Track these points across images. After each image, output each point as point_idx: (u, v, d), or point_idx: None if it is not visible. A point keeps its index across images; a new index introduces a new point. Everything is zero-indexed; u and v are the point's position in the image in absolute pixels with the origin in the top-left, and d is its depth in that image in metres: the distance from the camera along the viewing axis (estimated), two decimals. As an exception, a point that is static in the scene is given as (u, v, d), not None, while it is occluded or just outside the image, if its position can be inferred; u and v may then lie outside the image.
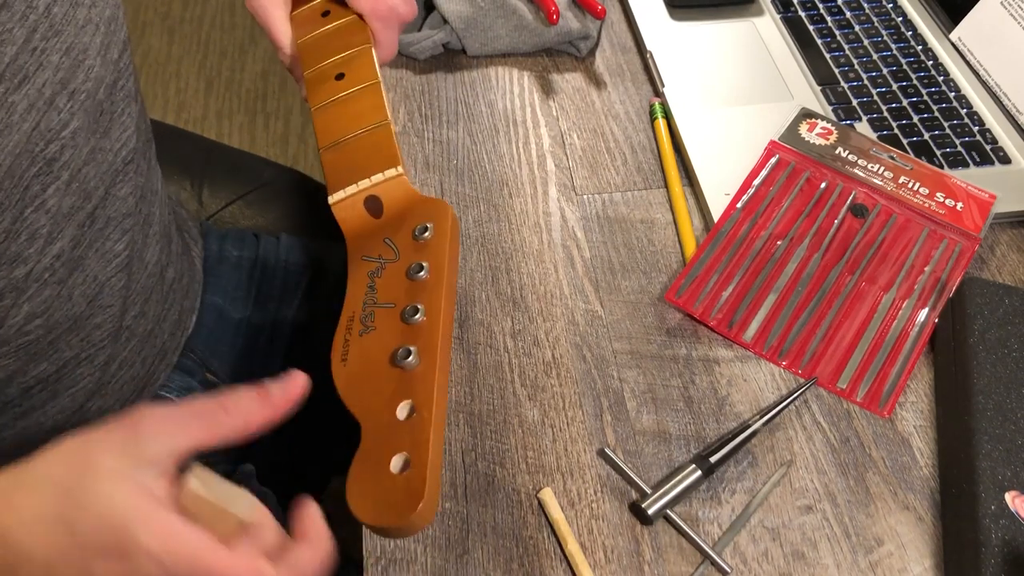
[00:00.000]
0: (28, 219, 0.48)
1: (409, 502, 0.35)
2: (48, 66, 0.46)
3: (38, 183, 0.48)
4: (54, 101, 0.47)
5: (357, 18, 0.56)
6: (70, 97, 0.48)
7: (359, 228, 0.46)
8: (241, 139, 1.82)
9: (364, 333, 0.41)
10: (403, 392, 0.39)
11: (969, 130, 0.70)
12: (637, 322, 0.58)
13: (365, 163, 0.47)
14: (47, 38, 0.46)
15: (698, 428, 0.53)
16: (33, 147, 0.46)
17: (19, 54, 0.44)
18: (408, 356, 0.39)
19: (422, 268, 0.42)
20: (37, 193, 0.48)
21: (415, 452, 0.37)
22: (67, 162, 0.49)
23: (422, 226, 0.44)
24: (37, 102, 0.46)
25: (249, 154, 0.95)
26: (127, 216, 0.56)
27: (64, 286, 0.51)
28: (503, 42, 0.74)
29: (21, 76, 0.45)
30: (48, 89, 0.46)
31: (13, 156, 0.45)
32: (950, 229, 0.62)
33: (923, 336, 0.57)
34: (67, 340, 0.54)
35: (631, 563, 0.48)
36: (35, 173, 0.47)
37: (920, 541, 0.50)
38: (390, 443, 0.37)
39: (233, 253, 0.77)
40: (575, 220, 0.64)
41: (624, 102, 0.72)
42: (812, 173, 0.64)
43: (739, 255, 0.60)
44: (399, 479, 0.36)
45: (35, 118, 0.46)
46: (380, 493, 0.36)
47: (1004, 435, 0.50)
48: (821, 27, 0.78)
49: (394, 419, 0.38)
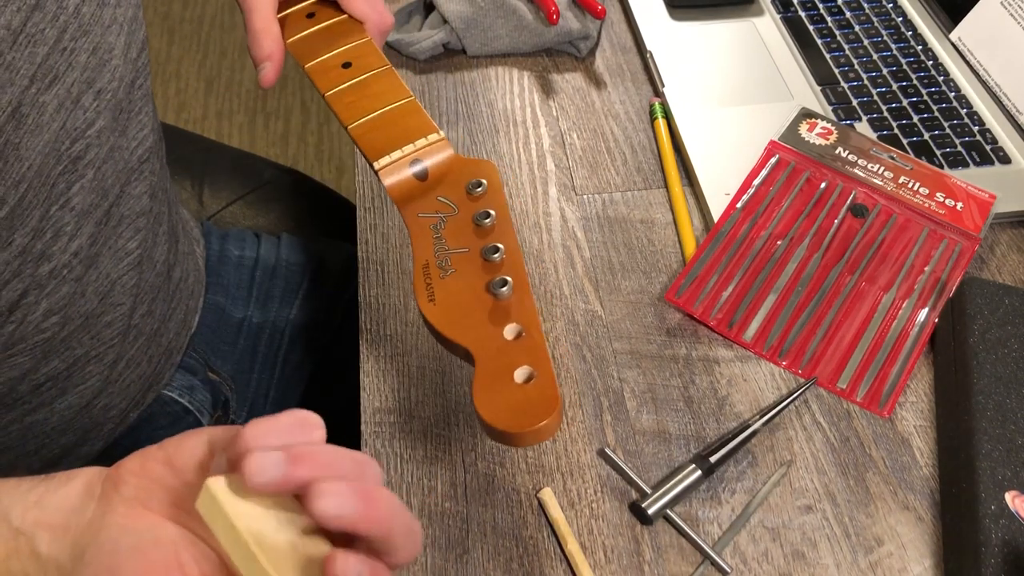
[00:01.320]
0: (53, 217, 0.48)
1: (547, 405, 0.37)
2: (76, 66, 0.47)
3: (64, 181, 0.48)
4: (80, 100, 0.48)
5: (347, 18, 0.57)
6: (96, 96, 0.49)
7: (407, 190, 0.49)
8: (241, 139, 1.82)
9: (445, 276, 0.44)
10: (505, 318, 0.41)
11: (969, 130, 0.70)
12: (637, 322, 0.58)
13: (403, 133, 0.50)
14: (76, 38, 0.46)
15: (698, 428, 0.53)
16: (60, 146, 0.47)
17: (50, 54, 0.45)
18: (504, 286, 0.42)
19: (488, 215, 0.45)
20: (63, 191, 0.48)
21: (538, 364, 0.39)
22: (91, 160, 0.50)
23: (475, 181, 0.47)
24: (65, 102, 0.46)
25: (249, 154, 0.95)
26: (140, 215, 0.56)
27: (80, 283, 0.52)
28: (503, 42, 0.74)
29: (52, 76, 0.45)
30: (76, 88, 0.47)
31: (43, 155, 0.46)
32: (950, 229, 0.62)
33: (923, 336, 0.57)
34: (79, 337, 0.54)
35: (631, 563, 0.48)
36: (61, 171, 0.48)
37: (920, 541, 0.50)
38: (509, 359, 0.39)
39: (234, 253, 0.77)
40: (575, 220, 0.64)
41: (624, 102, 0.72)
42: (812, 173, 0.64)
43: (739, 255, 0.60)
44: (529, 388, 0.38)
45: (63, 118, 0.47)
46: (514, 402, 0.38)
47: (1004, 435, 0.50)
48: (821, 27, 0.78)
49: (504, 341, 0.40)
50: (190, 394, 0.68)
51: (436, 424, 0.53)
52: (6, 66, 0.42)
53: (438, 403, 0.54)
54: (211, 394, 0.70)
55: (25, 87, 0.44)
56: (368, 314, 0.58)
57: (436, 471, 0.51)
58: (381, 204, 0.64)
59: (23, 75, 0.43)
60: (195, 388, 0.69)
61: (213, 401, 0.70)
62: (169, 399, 0.67)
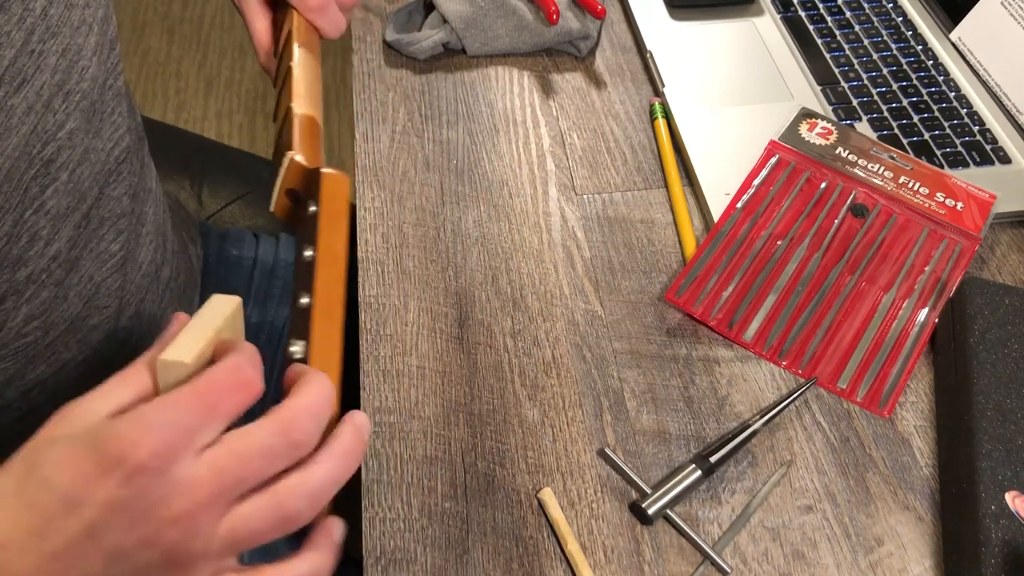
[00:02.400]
0: (28, 221, 0.48)
1: None
2: (46, 68, 0.46)
3: (36, 185, 0.48)
4: (51, 103, 0.47)
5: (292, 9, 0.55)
6: (65, 98, 0.48)
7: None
8: (241, 139, 1.82)
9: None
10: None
11: (969, 130, 0.70)
12: (637, 322, 0.58)
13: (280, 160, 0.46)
14: (44, 40, 0.46)
15: (698, 428, 0.53)
16: (31, 149, 0.46)
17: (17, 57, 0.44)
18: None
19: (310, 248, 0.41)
20: (36, 195, 0.48)
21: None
22: (64, 163, 0.49)
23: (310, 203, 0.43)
24: (35, 104, 0.46)
25: (249, 154, 0.95)
26: (121, 216, 0.56)
27: (61, 287, 0.51)
28: (503, 42, 0.74)
29: (20, 79, 0.45)
30: (46, 91, 0.46)
31: (12, 159, 0.45)
32: (950, 229, 0.62)
33: (923, 336, 0.57)
34: (65, 342, 0.54)
35: (631, 563, 0.48)
36: (33, 175, 0.47)
37: (920, 541, 0.49)
38: None
39: (233, 253, 0.77)
40: (575, 220, 0.64)
41: (624, 102, 0.72)
42: (812, 173, 0.64)
43: (739, 255, 0.60)
44: None
45: (33, 120, 0.46)
46: None
47: (1004, 435, 0.50)
48: (821, 27, 0.78)
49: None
50: None
51: (436, 424, 0.53)
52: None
53: (438, 403, 0.54)
54: None
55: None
56: (368, 314, 0.58)
57: (436, 471, 0.51)
58: (381, 204, 0.64)
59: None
60: None
61: None
62: None
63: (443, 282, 0.60)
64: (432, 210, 0.64)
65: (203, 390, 0.33)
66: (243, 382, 0.34)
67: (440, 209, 0.64)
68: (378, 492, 0.50)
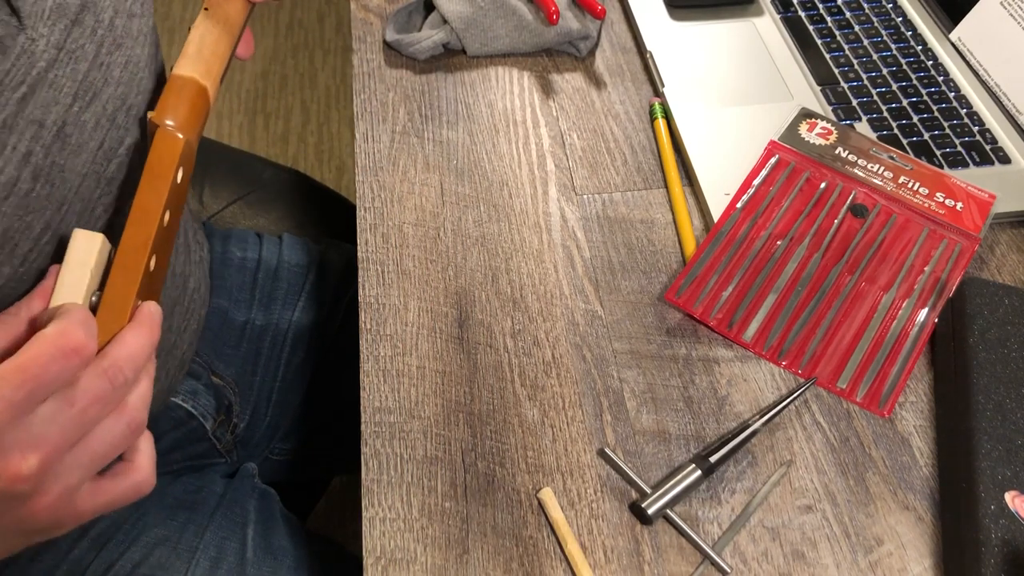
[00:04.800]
0: None
1: None
2: (112, 81, 0.45)
3: (101, 205, 0.47)
4: (115, 118, 0.46)
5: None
6: (127, 112, 0.47)
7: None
8: (241, 139, 1.82)
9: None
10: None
11: (969, 130, 0.70)
12: (637, 322, 0.58)
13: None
14: (111, 52, 0.45)
15: (698, 428, 0.53)
16: (99, 167, 0.46)
17: (90, 70, 0.44)
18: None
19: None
20: (100, 215, 0.47)
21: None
22: (123, 181, 0.48)
23: None
24: (102, 119, 0.45)
25: (249, 154, 0.95)
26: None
27: None
28: (503, 42, 0.74)
29: (91, 93, 0.44)
30: (111, 105, 0.46)
31: (82, 176, 0.45)
32: (950, 229, 0.62)
33: (923, 336, 0.57)
34: None
35: (631, 563, 0.48)
36: (99, 195, 0.47)
37: (920, 541, 0.50)
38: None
39: (236, 255, 0.77)
40: (575, 220, 0.64)
41: (624, 102, 0.72)
42: (812, 173, 0.64)
43: (739, 255, 0.60)
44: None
45: (100, 136, 0.45)
46: None
47: (1004, 435, 0.50)
48: (821, 27, 0.78)
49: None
50: (194, 399, 0.68)
51: (436, 424, 0.53)
52: (50, 84, 0.41)
53: (438, 403, 0.54)
54: (215, 398, 0.70)
55: (68, 105, 0.42)
56: (368, 314, 0.58)
57: (436, 471, 0.51)
58: (381, 204, 0.64)
59: (67, 93, 0.42)
60: (199, 393, 0.69)
61: (216, 405, 0.70)
62: (173, 404, 0.67)
63: (443, 282, 0.60)
64: (432, 210, 0.64)
65: (26, 363, 0.34)
66: (70, 348, 0.34)
67: (440, 209, 0.64)
68: (378, 492, 0.50)
